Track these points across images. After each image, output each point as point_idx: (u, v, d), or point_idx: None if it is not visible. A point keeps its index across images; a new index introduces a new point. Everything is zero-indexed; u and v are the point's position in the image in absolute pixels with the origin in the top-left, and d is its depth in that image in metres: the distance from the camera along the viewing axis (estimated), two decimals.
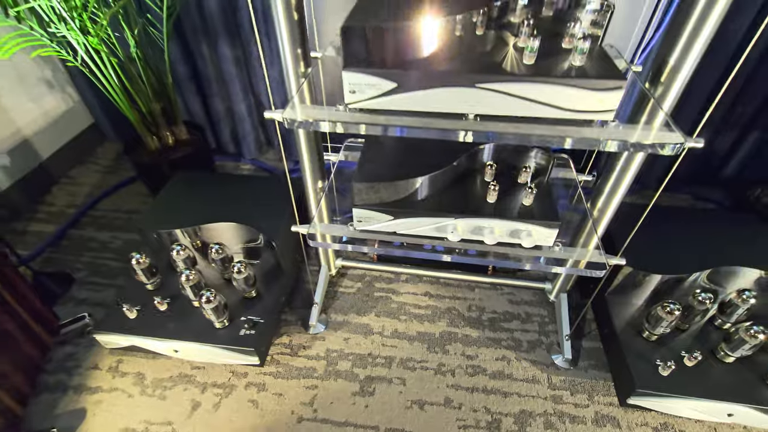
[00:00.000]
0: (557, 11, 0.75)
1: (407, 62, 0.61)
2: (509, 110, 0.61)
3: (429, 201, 0.82)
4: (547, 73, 0.58)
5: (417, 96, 0.62)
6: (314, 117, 0.69)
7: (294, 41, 0.71)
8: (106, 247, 1.34)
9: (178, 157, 1.32)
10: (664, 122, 0.65)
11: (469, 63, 0.61)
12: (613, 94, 0.58)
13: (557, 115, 0.61)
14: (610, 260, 0.83)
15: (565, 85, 0.58)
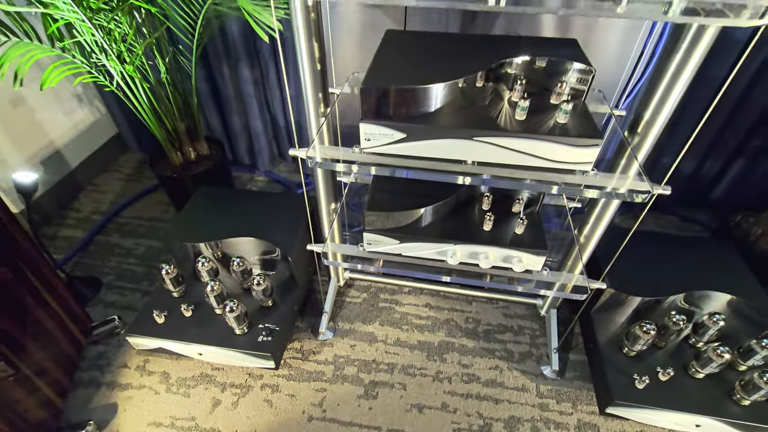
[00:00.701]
0: (550, 63, 0.84)
1: (415, 116, 0.71)
2: (503, 159, 0.71)
3: (431, 228, 0.92)
4: (535, 130, 0.68)
5: (423, 145, 0.72)
6: (332, 156, 0.80)
7: (316, 88, 0.81)
8: (130, 253, 1.44)
9: (200, 172, 1.42)
10: (637, 171, 0.74)
11: (468, 117, 0.71)
12: (590, 150, 0.68)
13: (544, 165, 0.71)
14: (591, 285, 0.93)
15: (550, 141, 0.67)
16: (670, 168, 0.75)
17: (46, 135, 1.52)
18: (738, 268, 1.10)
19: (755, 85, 1.28)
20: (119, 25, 1.11)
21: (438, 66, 0.72)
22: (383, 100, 0.69)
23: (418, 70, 0.71)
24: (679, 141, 1.40)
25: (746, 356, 0.98)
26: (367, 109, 0.70)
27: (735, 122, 1.36)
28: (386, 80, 0.69)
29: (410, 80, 0.69)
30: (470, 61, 0.74)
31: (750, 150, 1.43)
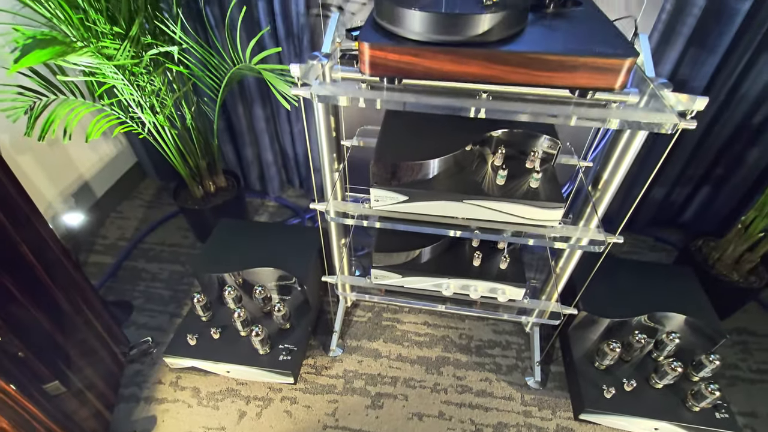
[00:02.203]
0: (528, 127, 1.01)
1: (416, 182, 0.87)
2: (487, 216, 0.88)
3: (429, 264, 1.08)
4: (512, 195, 0.84)
5: (422, 205, 0.88)
6: (345, 211, 0.96)
7: (331, 150, 0.97)
8: (156, 278, 1.59)
9: (218, 204, 1.58)
10: (597, 224, 0.91)
11: (459, 183, 0.87)
12: (556, 212, 0.84)
13: (521, 221, 0.87)
14: (565, 311, 1.09)
15: (523, 204, 0.84)
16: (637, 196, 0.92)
17: (77, 169, 1.66)
18: (694, 292, 1.27)
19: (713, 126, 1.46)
20: (153, 84, 1.26)
21: (434, 140, 0.88)
22: (390, 171, 0.85)
23: (417, 145, 0.88)
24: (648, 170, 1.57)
25: (698, 369, 1.14)
26: (376, 179, 0.86)
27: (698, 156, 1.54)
28: (392, 156, 0.85)
29: (412, 155, 0.85)
30: (460, 134, 0.90)
31: (713, 179, 1.61)
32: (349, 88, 0.75)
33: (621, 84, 0.66)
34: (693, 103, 0.66)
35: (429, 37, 0.65)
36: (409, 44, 0.66)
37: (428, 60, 0.67)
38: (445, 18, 0.63)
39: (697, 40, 1.27)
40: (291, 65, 0.73)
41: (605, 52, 0.63)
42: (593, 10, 0.79)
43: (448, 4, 0.65)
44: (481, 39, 0.65)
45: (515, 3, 0.66)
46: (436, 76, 0.68)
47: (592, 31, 0.70)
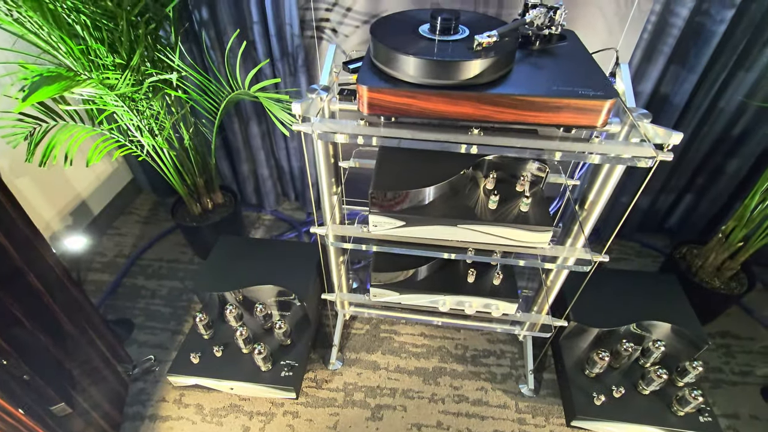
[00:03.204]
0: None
1: (412, 208, 0.91)
2: (480, 239, 0.92)
3: (425, 281, 1.12)
4: (503, 219, 0.89)
5: (418, 229, 0.92)
6: (344, 234, 0.99)
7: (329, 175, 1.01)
8: (155, 295, 1.62)
9: (217, 221, 1.61)
10: (583, 244, 0.96)
11: (453, 207, 0.91)
12: (544, 235, 0.89)
13: (512, 243, 0.92)
14: (555, 323, 1.14)
15: (514, 228, 0.88)
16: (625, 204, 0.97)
17: (74, 189, 1.68)
18: (678, 300, 1.33)
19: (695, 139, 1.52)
20: (152, 108, 1.28)
21: (429, 167, 0.92)
22: (388, 199, 0.89)
23: (413, 172, 0.92)
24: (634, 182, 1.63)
25: (682, 375, 1.20)
26: (375, 207, 0.90)
27: (681, 166, 1.60)
28: (389, 183, 0.89)
29: (408, 182, 0.89)
30: (454, 159, 0.94)
31: (696, 188, 1.68)
32: (348, 123, 0.79)
33: (602, 123, 0.70)
34: (669, 137, 0.71)
35: (423, 80, 0.69)
36: (405, 87, 0.70)
37: (423, 101, 0.71)
38: (439, 64, 0.67)
39: (678, 58, 1.33)
40: (293, 104, 0.77)
41: (587, 94, 0.68)
42: (576, 46, 0.84)
43: (441, 50, 0.69)
44: (473, 82, 0.69)
45: (503, 46, 0.70)
46: (431, 115, 0.72)
47: (576, 70, 0.75)
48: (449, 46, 0.71)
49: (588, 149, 0.75)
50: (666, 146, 0.73)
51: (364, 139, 0.77)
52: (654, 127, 0.76)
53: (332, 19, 1.41)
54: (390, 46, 0.69)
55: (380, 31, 0.74)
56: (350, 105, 0.87)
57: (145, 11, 1.13)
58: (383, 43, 0.70)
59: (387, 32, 0.74)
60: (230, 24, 1.44)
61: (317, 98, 0.85)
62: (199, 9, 1.40)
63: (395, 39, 0.72)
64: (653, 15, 1.26)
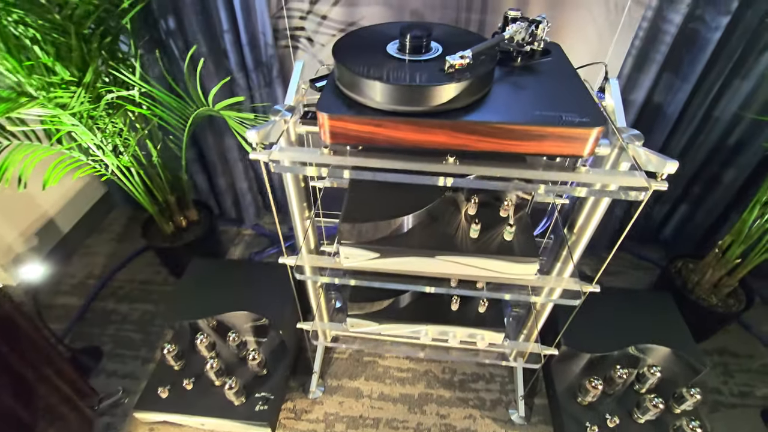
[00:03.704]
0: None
1: (387, 238, 0.84)
2: (461, 271, 0.85)
3: (407, 309, 1.05)
4: (486, 250, 0.82)
5: (394, 261, 0.85)
6: (318, 265, 0.92)
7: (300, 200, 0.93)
8: (126, 319, 1.53)
9: (191, 240, 1.52)
10: (572, 273, 0.89)
11: (431, 236, 0.84)
12: (530, 266, 0.82)
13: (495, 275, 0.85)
14: (545, 351, 1.07)
15: (497, 259, 0.81)
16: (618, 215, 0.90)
17: (39, 207, 1.59)
18: (674, 320, 1.27)
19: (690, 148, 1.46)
20: (115, 124, 1.20)
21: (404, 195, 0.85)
22: (360, 231, 0.82)
23: (387, 199, 0.84)
24: None
25: (679, 402, 1.14)
26: (346, 238, 0.82)
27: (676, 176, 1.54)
28: (361, 213, 0.81)
29: (381, 212, 0.82)
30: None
31: (690, 198, 1.62)
32: (312, 152, 0.71)
33: (589, 152, 0.63)
34: (663, 165, 0.64)
35: (390, 107, 0.62)
36: (370, 114, 0.63)
37: (390, 129, 0.63)
38: (406, 89, 0.60)
39: (671, 66, 1.27)
40: (249, 131, 0.69)
41: (572, 120, 0.60)
42: (562, 62, 0.77)
43: (411, 72, 0.62)
44: (446, 107, 0.62)
45: (479, 67, 0.63)
46: (400, 144, 0.65)
47: (560, 91, 0.68)
48: (419, 68, 0.63)
49: (573, 179, 0.67)
50: (660, 175, 0.66)
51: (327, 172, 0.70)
52: (646, 152, 0.69)
53: (307, 27, 1.33)
54: (353, 69, 0.62)
55: (343, 51, 0.67)
56: (315, 127, 0.80)
57: (99, 23, 1.04)
58: (345, 65, 0.63)
59: (350, 52, 0.67)
60: (200, 33, 1.36)
61: (281, 120, 0.77)
62: (165, 18, 1.31)
63: (359, 60, 0.65)
64: (645, 21, 1.20)
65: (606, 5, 1.18)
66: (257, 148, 0.72)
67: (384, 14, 1.27)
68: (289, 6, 1.29)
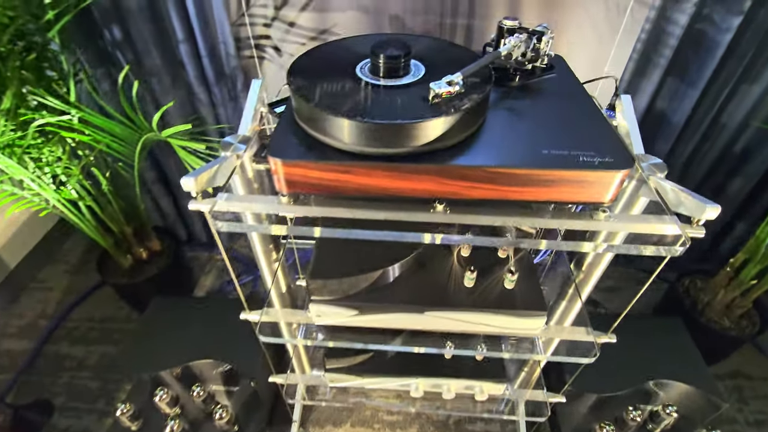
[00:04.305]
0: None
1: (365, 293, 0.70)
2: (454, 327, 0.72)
3: (393, 361, 0.92)
4: (483, 302, 0.69)
5: (375, 318, 0.71)
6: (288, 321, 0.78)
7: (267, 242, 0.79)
8: (82, 365, 1.37)
9: (154, 274, 1.37)
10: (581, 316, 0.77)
11: (418, 288, 0.71)
12: (536, 320, 0.69)
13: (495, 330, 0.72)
14: (551, 399, 0.95)
15: (498, 314, 0.68)
16: None
17: None
18: (686, 350, 1.16)
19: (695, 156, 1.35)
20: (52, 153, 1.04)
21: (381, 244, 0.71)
22: (333, 286, 0.68)
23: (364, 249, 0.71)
24: None
25: None
26: (317, 296, 0.69)
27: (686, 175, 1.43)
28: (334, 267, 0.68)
29: (357, 264, 0.68)
30: None
31: None
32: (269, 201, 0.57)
33: (611, 198, 0.51)
34: (702, 210, 0.52)
35: (361, 149, 0.48)
36: (336, 157, 0.49)
37: (362, 177, 0.50)
38: (381, 128, 0.46)
39: (676, 71, 1.16)
40: (184, 179, 0.55)
41: (590, 162, 0.48)
42: (567, 79, 0.64)
43: (385, 105, 0.49)
44: (431, 147, 0.48)
45: (471, 93, 0.49)
46: (375, 193, 0.51)
47: (570, 119, 0.55)
48: (397, 98, 0.50)
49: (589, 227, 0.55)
50: (695, 221, 0.54)
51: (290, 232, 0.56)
52: (675, 189, 0.56)
53: (273, 36, 1.18)
54: (312, 101, 0.48)
55: (300, 77, 0.53)
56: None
57: (20, 37, 0.88)
58: (303, 96, 0.49)
59: (310, 77, 0.53)
60: (152, 43, 1.20)
61: (232, 156, 0.63)
62: (109, 28, 1.15)
63: (320, 88, 0.51)
64: (647, 23, 1.08)
65: (606, 6, 1.06)
66: (196, 196, 0.58)
67: (359, 20, 1.13)
68: (252, 12, 1.14)
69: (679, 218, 0.55)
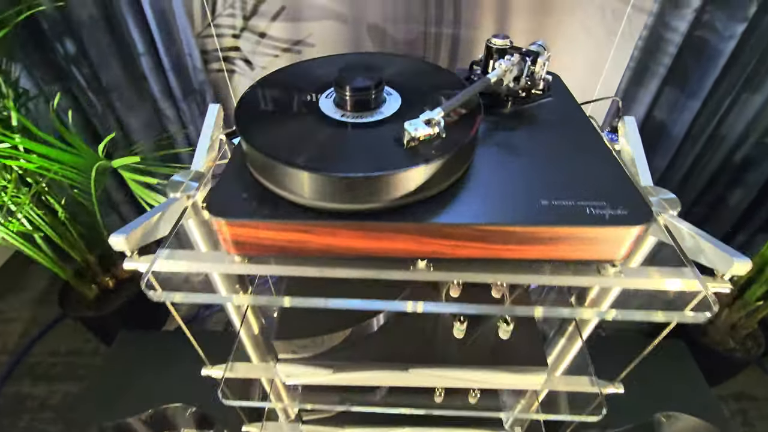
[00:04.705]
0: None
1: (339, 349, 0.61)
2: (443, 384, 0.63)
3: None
4: (475, 359, 0.61)
5: (353, 376, 0.62)
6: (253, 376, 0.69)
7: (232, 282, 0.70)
8: (45, 405, 1.26)
9: (122, 304, 1.26)
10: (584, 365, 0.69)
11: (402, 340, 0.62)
12: (535, 377, 0.61)
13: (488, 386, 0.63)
14: None
15: (491, 370, 0.60)
16: None
17: None
18: (692, 378, 1.09)
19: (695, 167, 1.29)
20: None
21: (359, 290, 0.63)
22: (301, 345, 0.59)
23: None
24: None
25: None
26: (284, 354, 0.60)
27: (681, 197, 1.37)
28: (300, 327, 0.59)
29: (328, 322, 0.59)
30: None
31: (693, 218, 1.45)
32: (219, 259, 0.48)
33: (625, 255, 0.43)
34: (729, 265, 0.44)
35: (324, 205, 0.39)
36: (294, 215, 0.40)
37: (326, 237, 0.41)
38: (345, 181, 0.37)
39: (676, 81, 1.09)
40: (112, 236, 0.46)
41: (600, 215, 0.39)
42: (565, 104, 0.56)
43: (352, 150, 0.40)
44: (408, 201, 0.40)
45: (455, 133, 0.41)
46: (342, 253, 0.43)
47: (572, 157, 0.47)
48: (366, 140, 0.41)
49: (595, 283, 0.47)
50: (719, 274, 0.46)
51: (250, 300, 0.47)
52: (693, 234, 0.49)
53: (243, 47, 1.09)
54: (263, 149, 0.39)
55: (249, 114, 0.44)
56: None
57: None
58: (252, 142, 0.40)
59: (262, 115, 0.44)
60: (112, 56, 1.10)
61: (183, 198, 0.54)
62: (60, 40, 1.05)
63: (274, 130, 0.42)
64: (645, 29, 1.01)
65: (602, 12, 0.99)
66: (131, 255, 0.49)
67: (336, 30, 1.04)
68: (218, 22, 1.04)
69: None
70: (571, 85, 0.60)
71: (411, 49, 1.05)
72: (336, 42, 1.06)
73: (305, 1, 0.99)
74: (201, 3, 1.00)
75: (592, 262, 0.44)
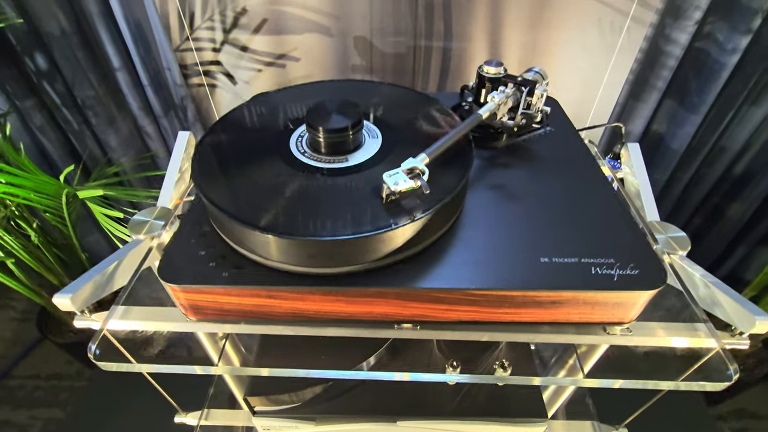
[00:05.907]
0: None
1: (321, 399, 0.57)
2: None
3: None
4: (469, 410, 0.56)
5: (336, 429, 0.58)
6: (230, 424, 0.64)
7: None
8: None
9: None
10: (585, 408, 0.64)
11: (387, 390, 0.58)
12: (535, 428, 0.56)
13: None
14: None
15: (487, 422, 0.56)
16: None
17: None
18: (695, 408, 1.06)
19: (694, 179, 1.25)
20: None
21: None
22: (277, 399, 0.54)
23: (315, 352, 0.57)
24: None
25: None
26: (260, 409, 0.55)
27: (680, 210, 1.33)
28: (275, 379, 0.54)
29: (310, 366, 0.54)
30: None
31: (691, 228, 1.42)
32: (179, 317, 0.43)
33: (633, 318, 0.38)
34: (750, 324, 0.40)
35: (291, 267, 0.35)
36: (256, 278, 0.35)
37: (294, 301, 0.36)
38: (311, 244, 0.32)
39: (676, 95, 1.05)
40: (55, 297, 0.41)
41: (608, 276, 0.35)
42: (565, 134, 0.52)
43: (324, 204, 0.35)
44: (388, 262, 0.35)
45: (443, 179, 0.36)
46: (314, 318, 0.38)
47: (573, 198, 0.42)
48: (339, 190, 0.36)
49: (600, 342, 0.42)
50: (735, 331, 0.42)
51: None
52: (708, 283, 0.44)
53: (224, 61, 1.04)
54: (223, 208, 0.34)
55: (208, 161, 0.39)
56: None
57: None
58: (211, 198, 0.35)
59: (223, 161, 0.39)
60: (90, 71, 1.05)
61: (146, 240, 0.49)
62: (30, 54, 0.99)
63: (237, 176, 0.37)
64: (644, 41, 0.97)
65: (600, 24, 0.94)
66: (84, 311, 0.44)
67: (321, 43, 0.99)
68: (197, 36, 0.99)
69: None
70: (568, 99, 0.56)
71: (400, 63, 1.00)
72: (321, 56, 1.00)
73: (288, 13, 0.94)
74: (178, 15, 0.95)
75: (596, 325, 0.39)
